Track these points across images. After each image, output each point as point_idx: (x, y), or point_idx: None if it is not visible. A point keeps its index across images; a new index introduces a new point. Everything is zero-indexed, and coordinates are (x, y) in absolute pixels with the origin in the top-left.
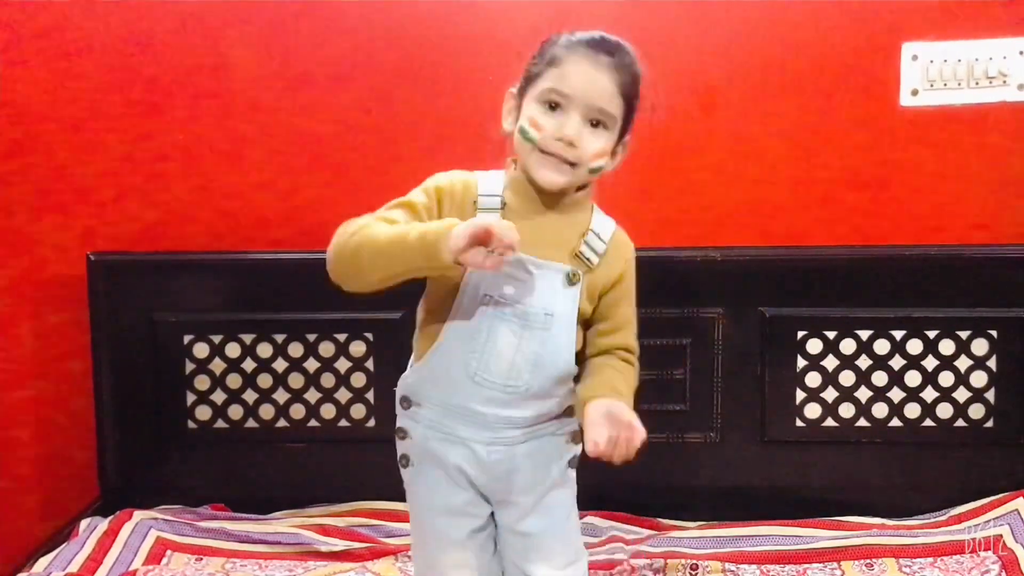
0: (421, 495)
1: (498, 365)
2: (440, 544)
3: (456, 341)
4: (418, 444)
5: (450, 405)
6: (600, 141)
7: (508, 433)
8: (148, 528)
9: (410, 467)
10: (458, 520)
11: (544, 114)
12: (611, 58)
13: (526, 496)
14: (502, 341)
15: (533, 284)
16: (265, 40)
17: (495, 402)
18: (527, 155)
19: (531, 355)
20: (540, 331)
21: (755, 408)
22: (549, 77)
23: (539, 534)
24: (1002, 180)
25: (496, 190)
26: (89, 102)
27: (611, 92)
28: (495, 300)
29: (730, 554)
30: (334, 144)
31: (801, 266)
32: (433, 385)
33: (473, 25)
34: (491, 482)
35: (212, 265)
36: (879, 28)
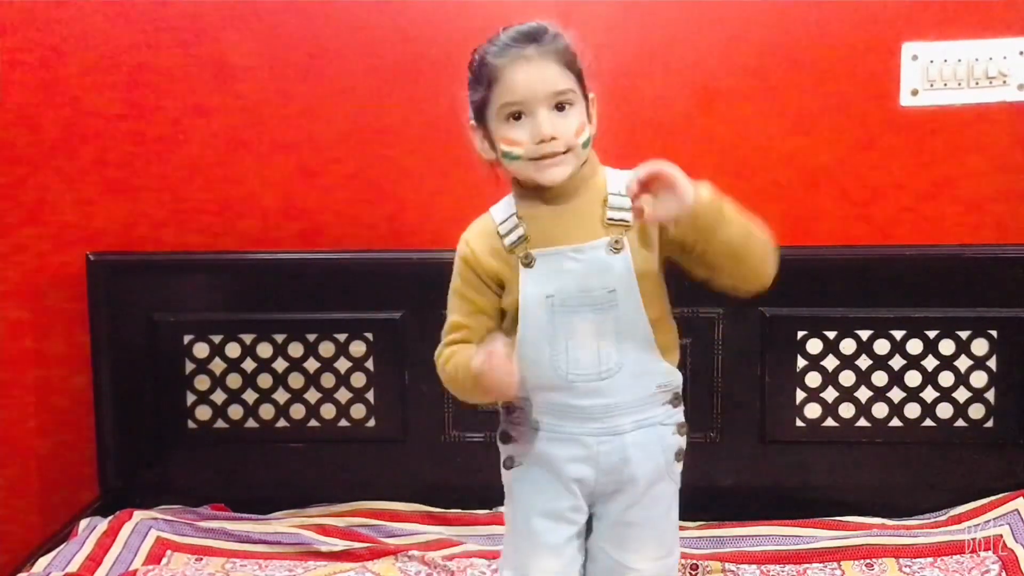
0: (524, 495)
1: (587, 358)
2: (535, 548)
3: (536, 350)
4: (524, 446)
5: (553, 405)
6: (574, 118)
7: (616, 422)
8: (148, 528)
9: (516, 468)
10: (557, 525)
11: (513, 128)
12: (537, 44)
13: (636, 486)
14: (581, 334)
15: (585, 268)
16: (265, 40)
17: (595, 393)
18: (522, 169)
19: (612, 335)
20: (611, 309)
21: (755, 408)
22: (496, 96)
23: (640, 525)
24: (1002, 180)
25: (508, 213)
26: (89, 102)
27: (557, 73)
28: (559, 297)
29: (730, 554)
30: (334, 144)
31: (801, 266)
32: (533, 390)
33: (473, 25)
34: (602, 475)
35: (212, 265)
36: (879, 28)
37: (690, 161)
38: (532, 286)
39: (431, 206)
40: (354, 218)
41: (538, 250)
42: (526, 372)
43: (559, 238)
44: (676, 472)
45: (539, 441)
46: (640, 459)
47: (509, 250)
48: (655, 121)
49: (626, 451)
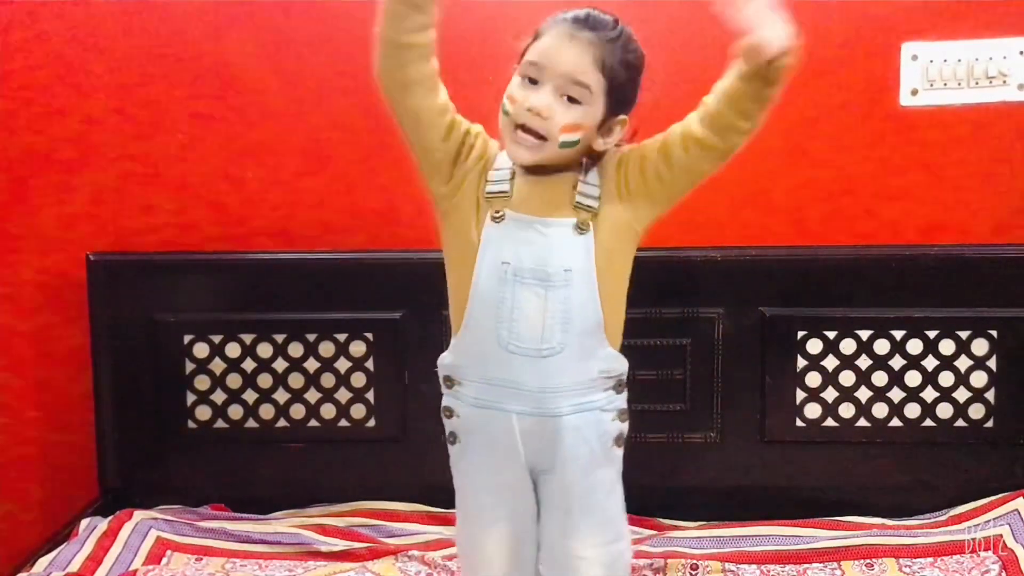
0: (468, 472)
1: (528, 330)
2: (483, 522)
3: (482, 314)
4: (464, 422)
5: (491, 379)
6: (573, 115)
7: (552, 403)
8: (148, 528)
9: (457, 444)
10: (504, 497)
11: (522, 88)
12: (592, 33)
13: (569, 470)
14: (528, 305)
15: (547, 243)
16: (266, 40)
17: (533, 370)
18: (504, 129)
19: (559, 314)
20: (562, 288)
21: (755, 408)
22: (531, 51)
23: (581, 511)
24: (1002, 180)
25: (507, 162)
26: (89, 102)
27: (585, 64)
28: (513, 266)
29: (730, 554)
30: (334, 144)
31: (801, 266)
32: (471, 361)
33: (474, 24)
34: (535, 454)
35: (212, 265)
36: (879, 28)
37: None
38: (491, 247)
39: (431, 206)
40: (354, 218)
41: (512, 211)
42: (471, 336)
43: (534, 206)
44: (616, 457)
45: (476, 417)
46: (574, 442)
47: (487, 197)
48: (655, 121)
49: (560, 432)
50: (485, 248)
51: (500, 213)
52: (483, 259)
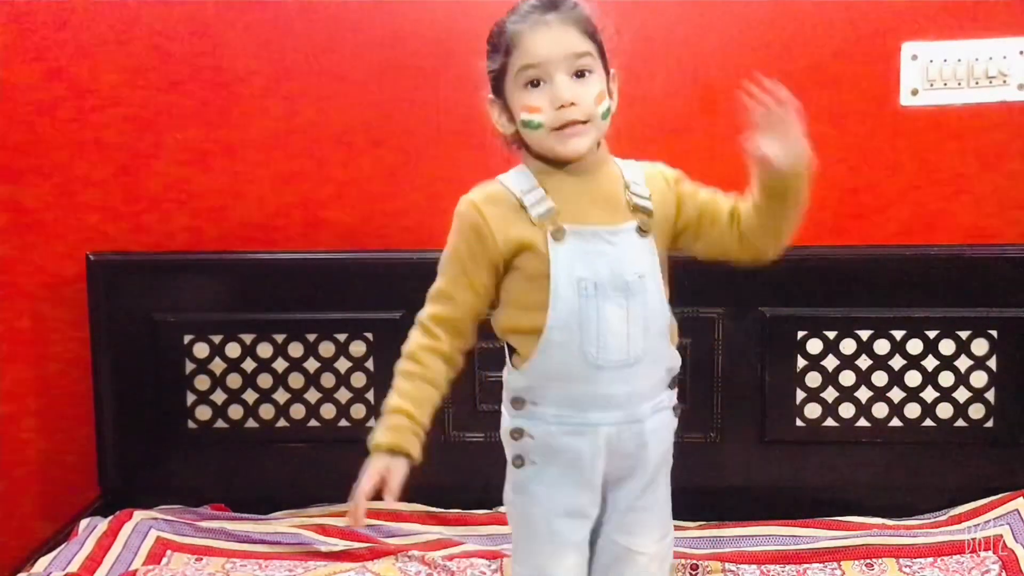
0: (540, 496)
1: (616, 343)
2: (556, 548)
3: (566, 334)
4: (540, 442)
5: (574, 396)
6: (594, 85)
7: (638, 409)
8: (148, 528)
9: (528, 466)
10: (578, 522)
11: (532, 95)
12: (557, 12)
13: (648, 471)
14: (614, 318)
15: (618, 251)
16: (266, 40)
17: (619, 380)
18: (542, 140)
19: (640, 321)
20: (640, 294)
21: (755, 408)
22: (515, 61)
23: (646, 508)
24: (1002, 180)
25: (530, 183)
26: (90, 102)
27: (576, 37)
28: (593, 281)
29: (730, 554)
30: (335, 144)
31: (801, 266)
32: (551, 381)
33: (475, 25)
34: (621, 462)
35: (212, 265)
36: (879, 28)
37: (690, 161)
38: (563, 265)
39: (431, 206)
40: (354, 218)
41: (570, 225)
42: (552, 358)
43: (589, 216)
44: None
45: (557, 437)
46: (655, 444)
47: (536, 222)
48: (655, 121)
49: (644, 436)
50: (556, 267)
51: (559, 231)
52: (557, 279)
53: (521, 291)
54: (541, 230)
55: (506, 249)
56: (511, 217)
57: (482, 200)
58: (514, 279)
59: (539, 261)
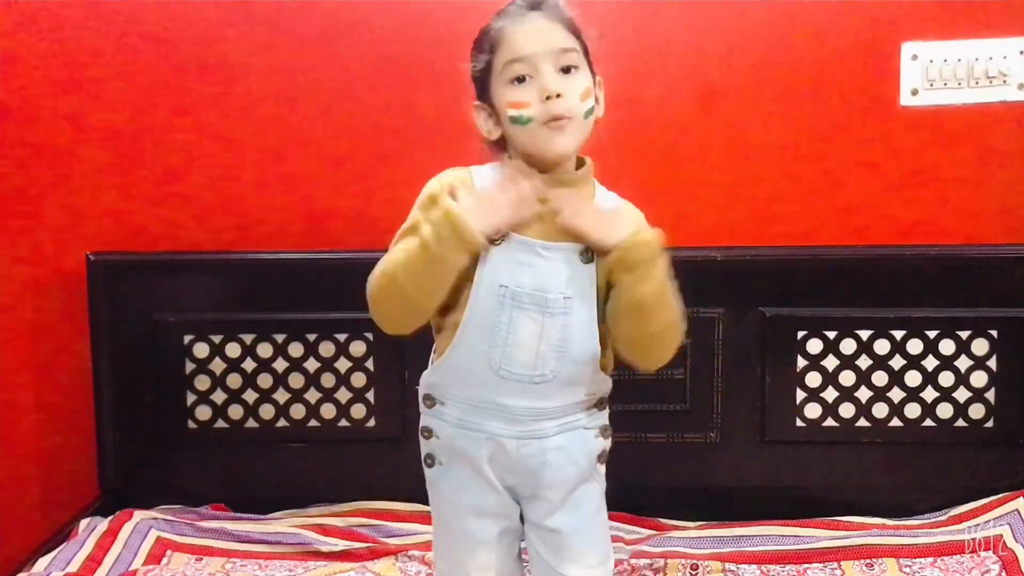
0: (449, 495)
1: (522, 356)
2: (468, 545)
3: (476, 336)
4: (445, 443)
5: (476, 401)
6: (580, 82)
7: (538, 425)
8: (148, 528)
9: (436, 466)
10: (487, 521)
11: (518, 90)
12: (540, 10)
13: (555, 491)
14: (523, 331)
15: (548, 268)
16: (266, 40)
17: (522, 394)
18: (533, 136)
19: (555, 342)
20: (561, 315)
21: (755, 408)
22: (500, 58)
23: (569, 531)
24: (1002, 180)
25: (493, 181)
26: (89, 102)
27: (561, 33)
28: (512, 290)
29: (730, 554)
30: (335, 144)
31: (801, 266)
32: (457, 382)
33: (475, 25)
34: (521, 478)
35: (212, 265)
36: (879, 28)
37: (690, 161)
38: (489, 269)
39: None
40: (354, 218)
41: (515, 233)
42: (461, 358)
43: (533, 226)
44: (600, 475)
45: (457, 439)
46: (561, 463)
47: None
48: (655, 121)
49: (545, 455)
50: (483, 269)
51: (498, 234)
52: (481, 280)
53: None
54: None
55: None
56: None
57: (447, 179)
58: None
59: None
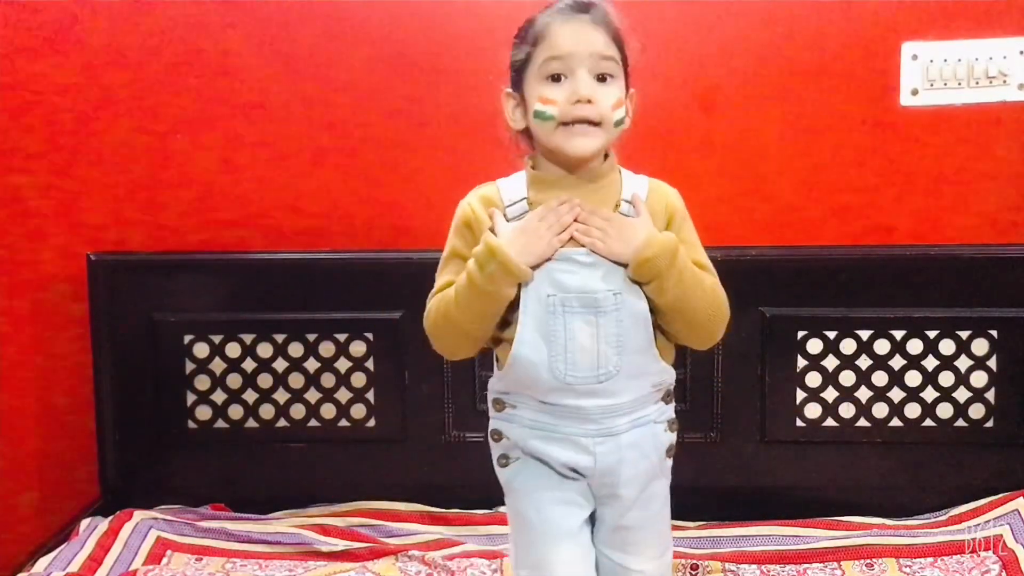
0: (528, 488)
1: (585, 360)
2: (555, 537)
3: (534, 349)
4: (517, 444)
5: (549, 405)
6: (613, 92)
7: (612, 423)
8: (148, 528)
9: (512, 463)
10: (572, 509)
11: (551, 88)
12: (588, 14)
13: (630, 488)
14: (581, 335)
15: (590, 272)
16: (266, 41)
17: (592, 394)
18: (550, 134)
19: (613, 338)
20: (614, 312)
21: (755, 408)
22: (540, 52)
23: (638, 527)
24: (1002, 180)
25: (519, 194)
26: (89, 102)
27: (603, 40)
28: (560, 296)
29: (730, 554)
30: (335, 144)
31: (801, 266)
32: (524, 390)
33: (475, 25)
34: (598, 476)
35: (212, 265)
36: (879, 28)
37: (690, 161)
38: (536, 278)
39: (431, 206)
40: (354, 218)
41: None
42: (522, 372)
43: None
44: (667, 469)
45: (531, 440)
46: (635, 459)
47: None
48: (655, 122)
49: (621, 451)
50: (527, 283)
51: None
52: (527, 294)
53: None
54: None
55: None
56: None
57: (475, 200)
58: None
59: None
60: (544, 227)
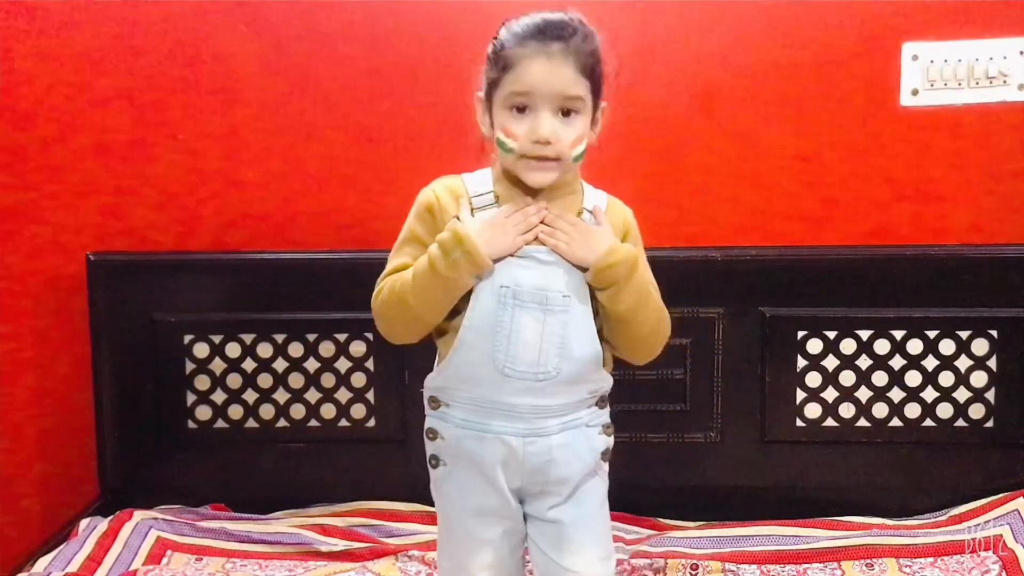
0: (453, 496)
1: (526, 354)
2: (472, 545)
3: (479, 338)
4: (450, 444)
5: (482, 401)
6: (575, 129)
7: (543, 423)
8: (148, 528)
9: (440, 467)
10: (490, 520)
11: (514, 120)
12: (563, 43)
13: (562, 487)
14: (526, 330)
15: (547, 270)
16: (266, 40)
17: (527, 392)
18: (512, 164)
19: (556, 339)
20: (561, 313)
21: (755, 408)
22: (507, 82)
23: (571, 524)
24: (1002, 180)
25: (486, 187)
26: (89, 102)
27: (572, 78)
28: (513, 289)
29: (730, 554)
30: (334, 144)
31: (801, 266)
32: (461, 383)
33: (475, 25)
34: (528, 476)
35: (212, 265)
36: (879, 28)
37: (690, 161)
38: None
39: None
40: (354, 218)
41: None
42: (464, 359)
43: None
44: (604, 472)
45: (464, 440)
46: (566, 459)
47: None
48: (655, 122)
49: (551, 452)
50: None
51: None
52: (482, 284)
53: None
54: None
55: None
56: (459, 211)
57: (440, 188)
58: None
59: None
60: (511, 224)
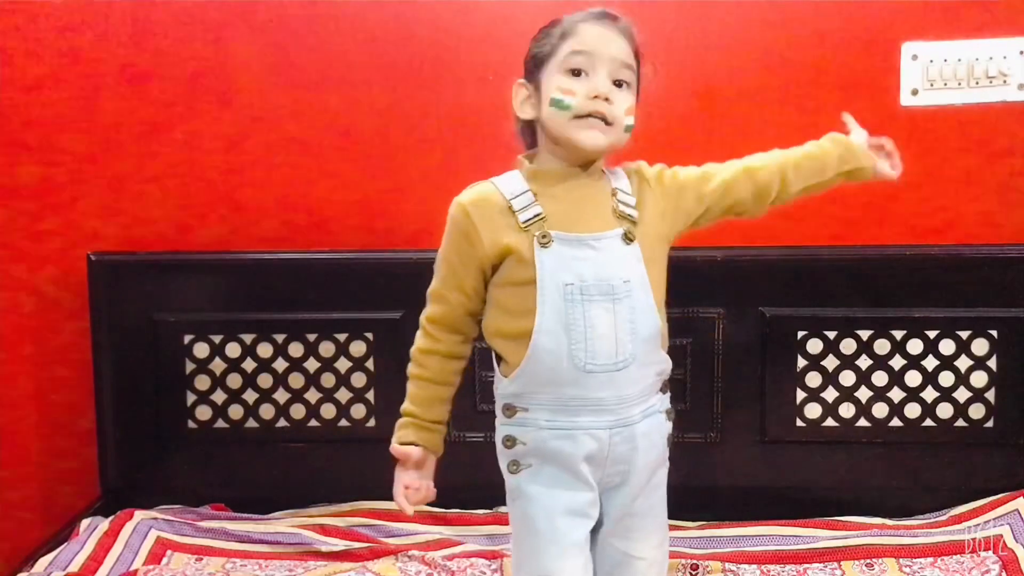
0: (540, 497)
1: (604, 347)
2: (560, 548)
3: (552, 338)
4: (533, 448)
5: (566, 400)
6: (628, 97)
7: (627, 413)
8: (148, 528)
9: (524, 470)
10: (579, 520)
11: (572, 80)
12: (616, 23)
13: (641, 476)
14: (601, 323)
15: (602, 257)
16: (266, 40)
17: (609, 384)
18: (564, 124)
19: (627, 325)
20: (626, 299)
21: (755, 408)
22: (566, 46)
23: (643, 514)
24: (1002, 180)
25: (521, 187)
26: (89, 101)
27: (627, 50)
28: (578, 285)
29: (730, 554)
30: (335, 144)
31: (801, 266)
32: (540, 387)
33: (475, 25)
34: (613, 467)
35: (212, 265)
36: (879, 28)
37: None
38: (549, 271)
39: (431, 206)
40: (354, 218)
41: (556, 231)
42: (541, 364)
43: (576, 223)
44: (667, 457)
45: (549, 441)
46: (646, 448)
47: (523, 227)
48: (655, 121)
49: (635, 441)
50: (543, 273)
51: (546, 237)
52: (544, 284)
53: (508, 296)
54: (527, 235)
55: (493, 253)
56: (499, 221)
57: (471, 203)
58: (501, 283)
59: (524, 267)
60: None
